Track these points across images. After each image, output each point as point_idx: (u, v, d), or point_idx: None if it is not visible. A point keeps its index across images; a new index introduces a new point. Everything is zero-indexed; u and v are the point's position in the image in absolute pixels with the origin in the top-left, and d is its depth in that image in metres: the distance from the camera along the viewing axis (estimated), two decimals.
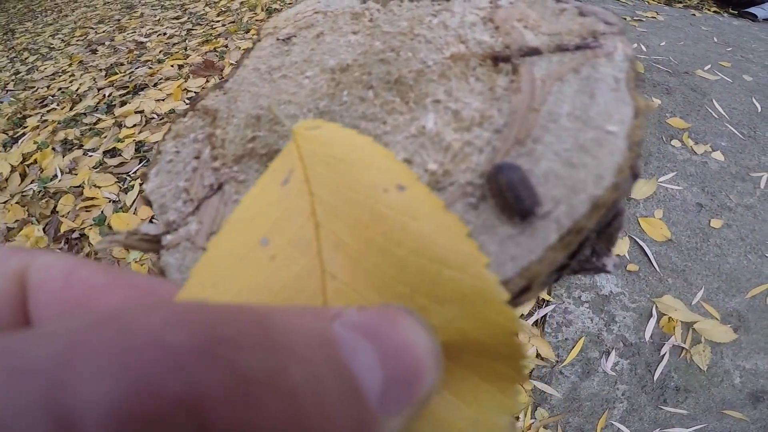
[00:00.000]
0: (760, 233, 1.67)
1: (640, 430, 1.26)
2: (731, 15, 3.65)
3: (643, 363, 1.35)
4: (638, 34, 2.85)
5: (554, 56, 0.24)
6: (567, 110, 0.21)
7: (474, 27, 0.26)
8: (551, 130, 0.21)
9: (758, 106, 2.29)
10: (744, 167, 1.91)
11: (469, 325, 0.14)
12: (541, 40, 0.24)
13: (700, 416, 1.29)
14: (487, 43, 0.25)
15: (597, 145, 0.20)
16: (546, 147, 0.21)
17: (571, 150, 0.20)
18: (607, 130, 0.20)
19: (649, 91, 2.26)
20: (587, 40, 0.24)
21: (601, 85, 0.22)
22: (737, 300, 1.48)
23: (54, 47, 3.76)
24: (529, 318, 1.40)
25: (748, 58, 2.82)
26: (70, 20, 4.68)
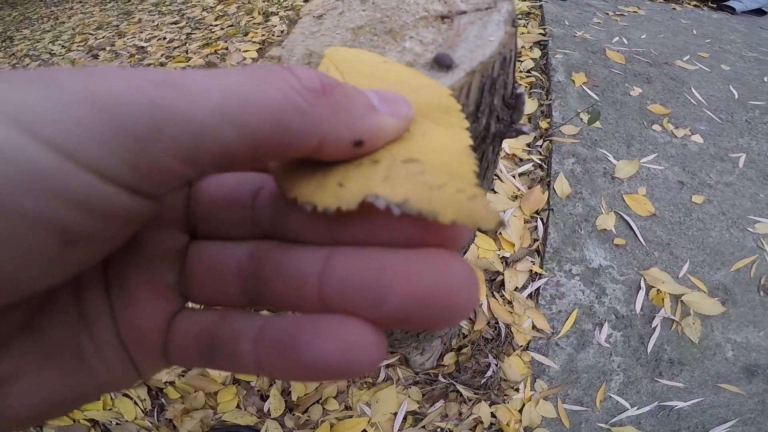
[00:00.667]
0: (740, 208, 1.71)
1: (638, 402, 1.28)
2: (711, 8, 3.69)
3: (635, 335, 1.38)
4: (620, 28, 2.89)
5: (473, 14, 0.41)
6: (473, 34, 0.39)
7: (432, 2, 0.44)
8: (464, 41, 0.38)
9: (735, 93, 2.34)
10: (722, 149, 1.96)
11: (428, 98, 0.22)
12: (468, 6, 0.42)
13: (696, 389, 1.31)
14: (439, 10, 0.42)
15: (484, 44, 0.38)
16: (461, 47, 0.38)
17: (472, 47, 0.38)
18: (490, 40, 0.38)
19: (630, 80, 2.30)
20: (491, 4, 0.42)
21: (491, 23, 0.40)
22: (722, 273, 1.51)
23: (55, 53, 3.75)
24: (523, 291, 1.43)
25: (726, 48, 2.87)
26: (68, 27, 4.66)
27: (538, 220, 1.60)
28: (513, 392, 1.26)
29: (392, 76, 0.23)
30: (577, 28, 2.74)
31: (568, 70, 2.28)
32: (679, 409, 1.28)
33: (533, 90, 2.16)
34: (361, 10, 0.45)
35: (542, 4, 2.97)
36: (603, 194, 1.69)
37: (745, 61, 2.73)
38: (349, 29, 0.42)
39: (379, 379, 1.30)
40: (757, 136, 2.06)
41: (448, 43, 0.38)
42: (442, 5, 0.42)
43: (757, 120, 2.16)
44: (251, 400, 1.27)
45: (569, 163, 1.79)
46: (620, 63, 2.44)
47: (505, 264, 1.48)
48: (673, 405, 1.28)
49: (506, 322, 1.36)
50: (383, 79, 0.23)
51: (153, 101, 0.13)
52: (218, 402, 1.24)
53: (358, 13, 0.45)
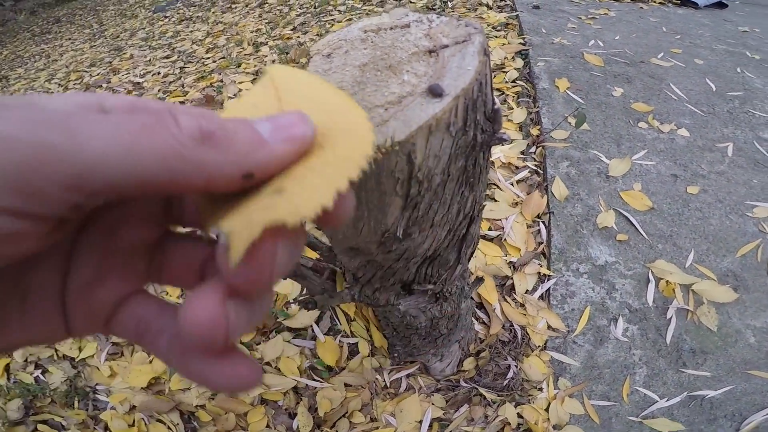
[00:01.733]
0: (736, 195, 1.72)
1: (667, 394, 1.26)
2: (675, 5, 3.75)
3: (652, 327, 1.36)
4: (594, 31, 2.92)
5: (454, 47, 0.46)
6: (455, 64, 0.44)
7: (420, 39, 0.48)
8: (449, 72, 0.43)
9: (712, 86, 2.36)
10: (709, 140, 1.97)
11: (344, 118, 0.22)
12: (448, 41, 0.46)
13: (725, 377, 1.28)
14: (427, 45, 0.47)
15: (464, 73, 0.42)
16: (447, 77, 0.44)
17: (455, 76, 0.42)
18: (468, 69, 0.43)
19: (611, 81, 2.32)
20: (467, 37, 0.46)
21: (468, 54, 0.44)
22: (729, 260, 1.51)
23: (52, 92, 3.70)
24: (534, 293, 1.43)
25: (696, 43, 2.91)
26: (61, 64, 4.64)
27: (540, 224, 1.61)
28: (537, 392, 1.25)
29: (321, 96, 0.23)
30: (554, 35, 2.77)
31: (551, 77, 2.30)
32: (711, 398, 1.25)
33: (521, 99, 2.17)
34: (363, 48, 0.50)
35: (518, 14, 3.00)
36: (600, 193, 1.70)
37: (717, 54, 2.78)
38: (356, 66, 0.46)
39: (401, 389, 1.29)
40: (740, 125, 2.08)
41: (437, 74, 0.43)
42: (428, 41, 0.47)
43: (737, 110, 2.18)
44: (280, 418, 1.26)
45: (564, 167, 1.80)
46: (599, 65, 2.47)
47: (513, 268, 1.48)
48: (704, 394, 1.25)
49: (521, 324, 1.36)
50: (313, 98, 0.23)
51: (42, 140, 0.15)
52: (249, 422, 1.24)
53: (361, 51, 0.49)
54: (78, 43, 5.54)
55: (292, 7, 4.04)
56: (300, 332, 1.41)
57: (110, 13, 7.07)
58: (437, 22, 0.50)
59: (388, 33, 0.51)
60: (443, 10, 3.14)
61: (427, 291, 0.80)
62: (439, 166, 0.46)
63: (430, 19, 0.51)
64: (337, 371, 1.33)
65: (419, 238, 0.58)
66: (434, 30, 0.48)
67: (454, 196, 0.54)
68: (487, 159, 0.57)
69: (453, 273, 0.79)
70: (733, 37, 3.11)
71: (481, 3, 3.21)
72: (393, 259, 0.64)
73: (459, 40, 0.46)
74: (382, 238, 0.56)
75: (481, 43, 0.45)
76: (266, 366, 1.32)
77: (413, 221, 0.54)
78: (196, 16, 4.81)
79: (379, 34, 0.51)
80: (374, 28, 0.52)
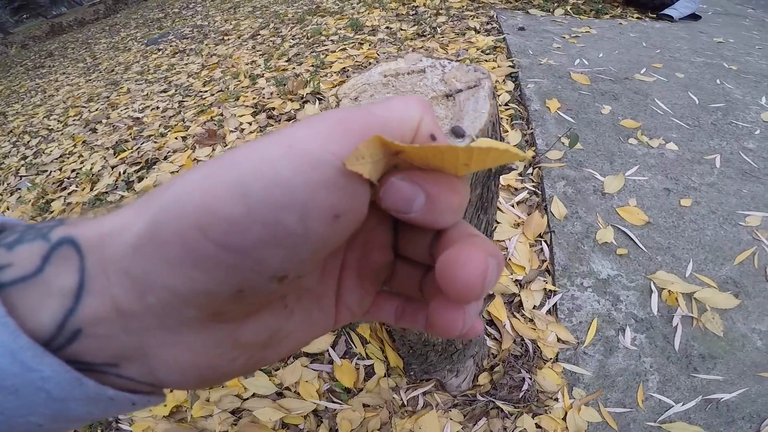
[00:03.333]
0: (728, 205, 1.77)
1: (681, 398, 1.27)
2: (652, 19, 3.85)
3: (659, 335, 1.39)
4: (578, 50, 3.01)
5: (467, 91, 0.51)
6: (471, 108, 0.49)
7: (437, 84, 0.53)
8: (466, 115, 0.48)
9: (695, 99, 2.45)
10: (697, 152, 2.04)
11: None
12: (462, 85, 0.52)
13: (737, 381, 1.29)
14: (443, 90, 0.52)
15: (479, 116, 0.48)
16: (465, 119, 0.48)
17: (472, 119, 0.48)
18: (482, 112, 0.48)
19: (599, 99, 2.39)
20: (477, 82, 0.52)
21: (480, 98, 0.50)
22: (727, 268, 1.54)
23: (53, 128, 3.73)
24: (541, 308, 1.46)
25: (676, 57, 3.01)
26: (58, 100, 4.64)
27: (543, 243, 1.66)
28: (552, 402, 1.27)
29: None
30: (541, 56, 2.85)
31: (541, 98, 2.36)
32: (727, 401, 1.26)
33: (515, 121, 2.22)
34: (386, 92, 0.55)
35: (505, 36, 3.08)
36: (597, 210, 1.75)
37: (696, 67, 2.86)
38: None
39: (418, 407, 1.31)
40: (725, 137, 2.15)
41: (457, 117, 0.49)
42: (443, 85, 0.53)
43: (721, 121, 2.26)
44: None
45: (561, 186, 1.85)
46: (586, 84, 2.54)
47: (519, 286, 1.52)
48: (718, 397, 1.26)
49: (531, 338, 1.39)
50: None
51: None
52: None
53: (385, 95, 0.55)
54: (73, 77, 5.55)
55: (284, 38, 4.08)
56: (317, 357, 1.43)
57: (102, 47, 7.09)
58: (449, 68, 0.56)
59: (406, 78, 0.56)
60: (433, 36, 3.22)
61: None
62: None
63: (442, 65, 0.57)
64: (355, 392, 1.35)
65: None
66: (448, 75, 0.54)
67: (472, 219, 0.61)
68: (498, 186, 0.65)
69: None
70: (709, 49, 3.21)
71: (469, 27, 3.30)
72: None
73: (471, 84, 0.52)
74: None
75: (490, 87, 0.52)
76: (286, 391, 1.34)
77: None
78: (189, 48, 4.85)
79: (399, 78, 0.56)
80: (393, 72, 0.57)
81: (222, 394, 1.33)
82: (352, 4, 4.65)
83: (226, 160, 0.18)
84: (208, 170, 0.18)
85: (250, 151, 0.18)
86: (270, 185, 0.17)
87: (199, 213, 0.17)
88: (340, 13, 4.42)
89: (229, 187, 0.17)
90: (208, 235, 0.17)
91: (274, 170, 0.17)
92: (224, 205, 0.17)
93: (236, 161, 0.17)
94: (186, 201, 0.17)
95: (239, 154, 0.18)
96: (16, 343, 0.17)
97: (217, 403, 1.31)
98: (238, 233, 0.17)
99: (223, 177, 0.17)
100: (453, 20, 3.53)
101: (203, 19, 6.42)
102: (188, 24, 6.29)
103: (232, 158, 0.18)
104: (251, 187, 0.17)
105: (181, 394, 1.36)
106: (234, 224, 0.17)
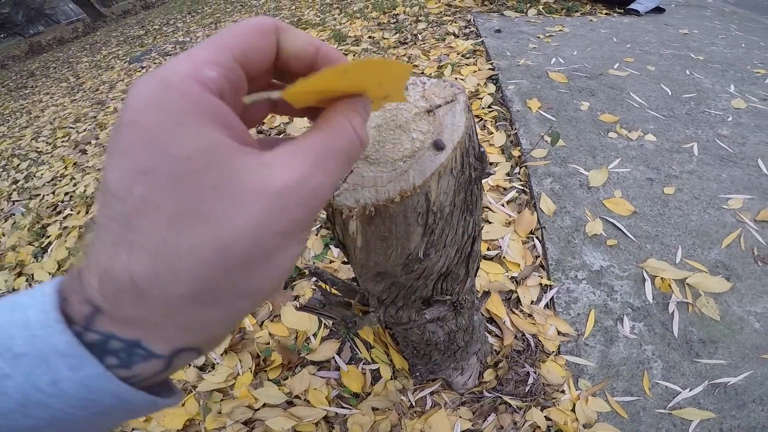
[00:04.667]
0: (709, 190, 1.79)
1: (688, 384, 1.26)
2: (620, 14, 3.89)
3: (657, 322, 1.39)
4: (553, 49, 3.03)
5: (445, 106, 0.52)
6: (449, 122, 0.51)
7: (418, 100, 0.54)
8: (446, 129, 0.50)
9: (668, 90, 2.48)
10: (675, 142, 2.06)
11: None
12: (440, 100, 0.53)
13: (741, 364, 1.28)
14: (424, 106, 0.53)
15: (457, 129, 0.49)
16: (445, 133, 0.50)
17: (451, 132, 0.49)
18: (458, 125, 0.50)
19: (577, 96, 2.41)
20: (453, 97, 0.53)
21: (457, 112, 0.51)
22: (715, 251, 1.55)
23: (42, 151, 3.64)
24: (539, 303, 1.46)
25: (645, 50, 3.04)
26: (45, 121, 4.53)
27: (535, 239, 1.66)
28: (559, 394, 1.27)
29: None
30: (519, 57, 2.86)
31: (522, 98, 2.37)
32: (734, 384, 1.25)
33: (498, 123, 2.23)
34: (375, 114, 0.58)
35: (483, 39, 3.09)
36: (585, 204, 1.76)
37: (665, 59, 2.90)
38: (373, 127, 0.53)
39: (427, 407, 1.31)
40: (700, 125, 2.18)
41: (437, 131, 0.51)
42: (424, 101, 0.55)
43: (695, 111, 2.29)
44: None
45: (548, 183, 1.86)
46: (564, 82, 2.56)
47: (515, 283, 1.53)
48: (725, 381, 1.25)
49: (532, 333, 1.40)
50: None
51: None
52: None
53: (373, 113, 0.56)
54: (57, 97, 5.43)
55: None
56: (323, 364, 1.43)
57: (84, 65, 6.96)
58: (428, 84, 0.58)
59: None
60: (414, 43, 3.22)
61: (446, 301, 0.86)
62: (447, 199, 0.54)
63: (423, 82, 0.59)
64: (363, 397, 1.34)
65: (435, 258, 0.66)
66: (427, 92, 0.56)
67: (459, 221, 0.63)
68: (481, 189, 0.67)
69: (464, 286, 0.85)
70: (676, 41, 3.26)
71: (448, 32, 3.30)
72: (414, 278, 0.71)
73: (448, 99, 0.54)
74: (406, 260, 0.62)
75: (464, 101, 0.54)
76: (296, 399, 1.33)
77: (430, 244, 0.61)
78: None
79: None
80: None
81: (233, 405, 1.32)
82: (334, 16, 4.64)
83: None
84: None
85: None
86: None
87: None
88: (322, 25, 4.39)
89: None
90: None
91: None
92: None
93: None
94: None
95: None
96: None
97: (229, 415, 1.30)
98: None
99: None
100: (432, 26, 3.54)
101: (185, 35, 6.35)
102: (170, 40, 6.21)
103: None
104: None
105: (194, 407, 1.35)
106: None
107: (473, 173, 0.58)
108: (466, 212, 0.63)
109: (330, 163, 0.22)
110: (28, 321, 0.19)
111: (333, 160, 0.23)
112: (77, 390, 0.19)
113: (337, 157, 0.23)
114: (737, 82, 2.61)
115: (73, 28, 14.04)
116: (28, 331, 0.19)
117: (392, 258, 0.61)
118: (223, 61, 0.21)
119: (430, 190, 0.50)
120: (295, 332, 1.50)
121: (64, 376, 0.19)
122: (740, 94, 2.45)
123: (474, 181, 0.60)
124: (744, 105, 2.34)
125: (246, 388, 1.35)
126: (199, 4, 9.28)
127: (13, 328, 0.19)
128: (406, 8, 4.08)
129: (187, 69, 0.20)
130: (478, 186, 0.63)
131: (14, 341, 0.19)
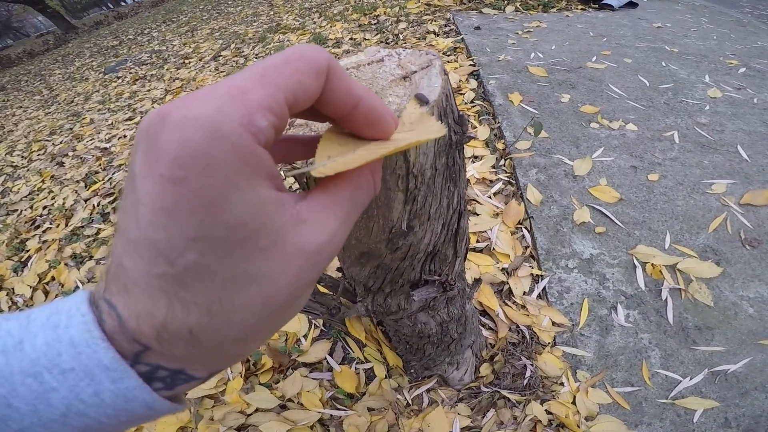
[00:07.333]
0: (692, 176, 1.80)
1: (688, 373, 1.24)
2: (594, 9, 3.94)
3: (651, 310, 1.37)
4: (532, 44, 3.04)
5: (421, 71, 0.52)
6: (425, 84, 0.50)
7: (394, 69, 0.54)
8: (422, 90, 0.48)
9: (646, 82, 2.50)
10: (656, 131, 2.08)
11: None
12: (416, 67, 0.53)
13: (740, 350, 1.27)
14: (400, 73, 0.53)
15: (433, 90, 0.48)
16: (422, 92, 0.48)
17: (427, 92, 0.48)
18: (435, 86, 0.49)
19: (557, 89, 2.42)
20: (429, 63, 0.53)
21: (433, 75, 0.51)
22: (703, 236, 1.55)
23: (17, 165, 3.53)
24: (531, 293, 1.45)
25: (621, 43, 3.08)
26: (19, 135, 4.40)
27: (523, 229, 1.65)
28: (558, 387, 1.25)
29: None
30: (498, 53, 2.87)
31: (504, 93, 2.37)
32: (735, 371, 1.23)
33: (482, 117, 2.23)
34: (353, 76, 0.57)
35: (463, 37, 3.10)
36: (571, 193, 1.76)
37: (641, 52, 2.94)
38: None
39: (424, 405, 1.28)
40: (679, 114, 2.20)
41: (414, 93, 0.50)
42: (400, 70, 0.55)
43: (673, 100, 2.31)
44: None
45: (533, 174, 1.86)
46: (544, 76, 2.57)
47: (506, 274, 1.51)
48: (725, 369, 1.23)
49: (526, 325, 1.38)
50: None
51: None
52: None
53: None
54: (31, 110, 5.30)
55: (247, 57, 4.01)
56: (315, 366, 1.39)
57: (57, 78, 6.83)
58: (404, 54, 0.58)
59: (367, 68, 0.58)
60: (396, 42, 3.21)
61: (435, 281, 0.84)
62: (428, 162, 0.54)
63: (398, 53, 0.59)
64: (358, 397, 1.31)
65: (420, 232, 0.64)
66: (403, 61, 0.57)
67: (443, 189, 0.62)
68: (463, 158, 0.67)
69: (453, 268, 0.83)
70: (650, 34, 3.30)
71: (429, 31, 3.30)
72: (399, 258, 0.69)
73: (424, 65, 0.54)
74: (390, 234, 0.61)
75: (440, 65, 0.54)
76: (289, 402, 1.30)
77: (414, 214, 0.60)
78: (150, 74, 4.71)
79: (360, 69, 0.58)
80: (354, 65, 0.59)
81: (225, 411, 1.28)
82: (313, 19, 4.61)
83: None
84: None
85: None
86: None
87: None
88: (302, 29, 4.36)
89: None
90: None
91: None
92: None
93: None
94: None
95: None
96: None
97: (222, 421, 1.26)
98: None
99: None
100: (413, 26, 3.54)
101: (161, 44, 6.26)
102: (145, 50, 6.12)
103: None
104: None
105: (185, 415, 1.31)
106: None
107: (454, 136, 0.58)
108: (449, 181, 0.63)
109: (353, 217, 0.25)
110: (73, 339, 0.20)
111: (355, 213, 0.25)
112: (115, 400, 0.21)
113: (359, 210, 0.25)
114: (711, 72, 2.65)
115: (43, 40, 13.76)
116: (75, 349, 0.20)
117: (375, 232, 0.60)
118: (276, 107, 0.20)
119: (408, 149, 0.50)
120: (284, 334, 1.46)
121: (105, 388, 0.20)
122: (715, 84, 2.49)
123: (455, 146, 0.59)
124: (720, 94, 2.37)
125: (237, 393, 1.32)
126: (174, 12, 9.18)
127: (60, 345, 0.20)
128: (387, 9, 4.08)
129: (241, 116, 0.19)
130: (460, 153, 0.63)
131: (62, 358, 0.20)
